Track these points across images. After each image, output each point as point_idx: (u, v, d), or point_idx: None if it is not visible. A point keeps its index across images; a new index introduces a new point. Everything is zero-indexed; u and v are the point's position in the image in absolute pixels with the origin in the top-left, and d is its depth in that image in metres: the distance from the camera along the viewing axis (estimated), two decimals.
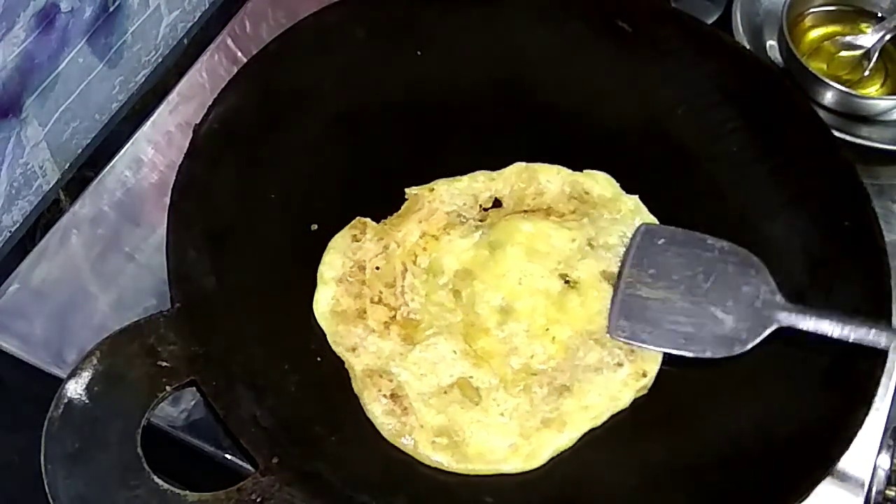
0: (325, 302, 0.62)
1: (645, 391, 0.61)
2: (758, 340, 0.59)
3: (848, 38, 0.80)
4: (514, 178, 0.68)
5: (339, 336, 0.61)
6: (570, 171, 0.69)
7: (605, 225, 0.66)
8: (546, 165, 0.69)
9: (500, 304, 0.62)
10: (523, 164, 0.69)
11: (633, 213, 0.67)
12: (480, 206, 0.67)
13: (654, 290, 0.62)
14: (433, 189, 0.67)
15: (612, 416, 0.60)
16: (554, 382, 0.60)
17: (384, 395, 0.59)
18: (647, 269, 0.62)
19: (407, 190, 0.67)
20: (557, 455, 0.58)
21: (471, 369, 0.60)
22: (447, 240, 0.65)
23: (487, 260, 0.64)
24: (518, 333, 0.62)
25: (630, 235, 0.65)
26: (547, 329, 0.62)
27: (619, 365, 0.61)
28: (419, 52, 0.73)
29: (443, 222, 0.65)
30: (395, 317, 0.62)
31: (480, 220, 0.66)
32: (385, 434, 0.58)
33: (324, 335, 0.61)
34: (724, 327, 0.60)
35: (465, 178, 0.68)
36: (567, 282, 0.63)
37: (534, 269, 0.63)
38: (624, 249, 0.64)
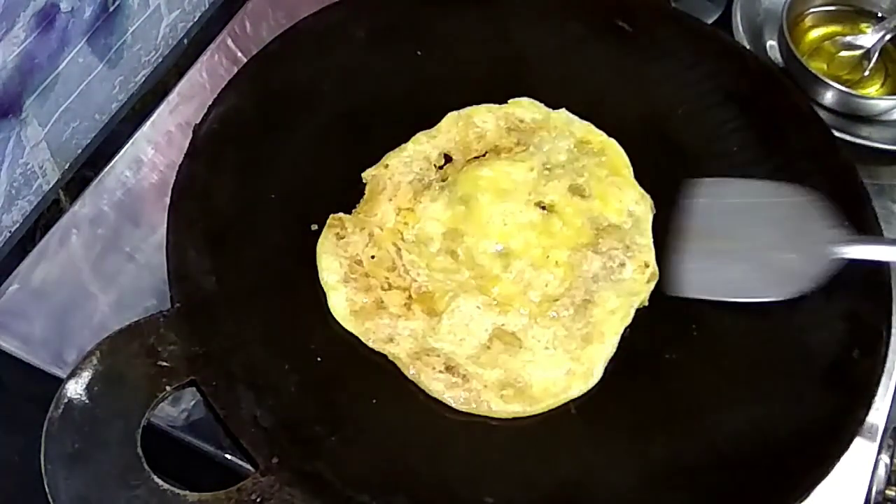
0: (342, 305, 0.62)
1: (655, 279, 0.64)
2: (821, 274, 0.61)
3: (848, 38, 0.80)
4: (453, 129, 0.70)
5: (371, 332, 0.61)
6: (497, 105, 0.71)
7: (549, 146, 0.69)
8: (475, 107, 0.70)
9: (496, 250, 0.64)
10: (454, 112, 0.70)
11: (566, 125, 0.70)
12: (434, 165, 0.68)
13: (715, 242, 0.64)
14: (387, 165, 0.68)
15: (614, 416, 0.60)
16: (575, 301, 0.63)
17: (440, 371, 0.60)
18: (707, 221, 0.64)
19: (363, 174, 0.68)
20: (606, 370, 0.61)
21: (500, 317, 0.62)
22: (421, 208, 0.66)
23: (466, 214, 0.65)
24: (524, 269, 0.64)
25: (572, 147, 0.68)
26: (547, 256, 0.64)
27: (622, 265, 0.64)
28: (419, 52, 0.73)
29: (409, 193, 0.66)
30: (410, 296, 0.63)
31: (442, 180, 0.67)
32: (458, 406, 0.59)
33: (324, 335, 0.61)
34: (788, 268, 0.62)
35: (409, 143, 0.69)
36: (543, 208, 0.66)
37: (510, 207, 0.66)
38: (573, 161, 0.67)
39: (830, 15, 0.82)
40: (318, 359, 0.61)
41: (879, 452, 0.61)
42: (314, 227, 0.65)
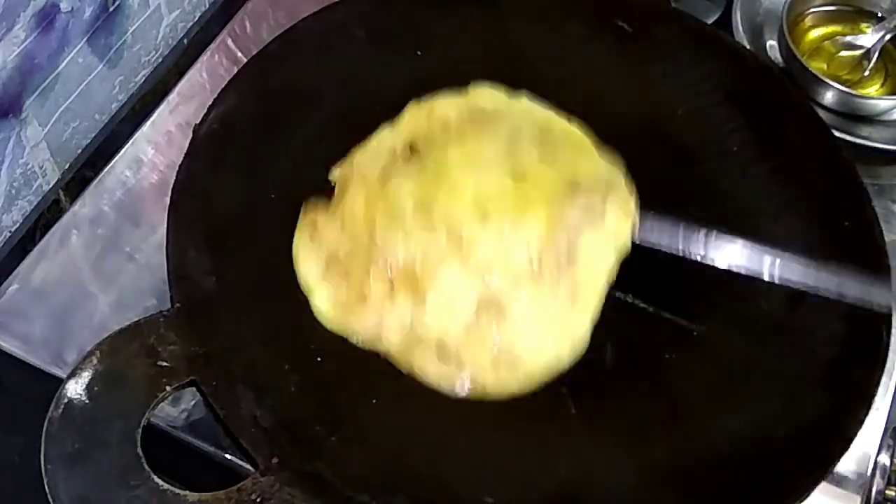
0: (325, 305, 0.62)
1: (637, 222, 0.64)
2: None
3: (848, 38, 0.80)
4: (416, 120, 0.69)
5: (357, 329, 0.61)
6: (456, 93, 0.70)
7: (513, 130, 0.68)
8: (437, 98, 0.70)
9: (472, 211, 0.63)
10: (415, 101, 0.70)
11: (529, 112, 0.70)
12: (400, 156, 0.67)
13: None
14: (353, 162, 0.67)
15: (614, 416, 0.60)
16: (560, 258, 0.62)
17: (434, 360, 0.60)
18: None
19: (330, 175, 0.67)
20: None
21: (483, 286, 0.61)
22: (392, 185, 0.64)
23: (436, 182, 0.64)
24: (504, 230, 0.62)
25: (536, 132, 0.67)
26: (525, 211, 0.63)
27: (603, 212, 0.64)
28: (419, 52, 0.73)
29: (377, 181, 0.65)
30: (391, 280, 0.61)
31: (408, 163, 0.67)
32: (457, 392, 0.59)
33: (323, 335, 0.61)
34: None
35: (372, 138, 0.68)
36: (513, 178, 0.64)
37: (482, 177, 0.64)
38: (539, 141, 0.67)
39: (830, 15, 0.82)
40: (318, 359, 0.61)
41: (879, 452, 0.61)
42: (309, 192, 0.65)
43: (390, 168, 0.66)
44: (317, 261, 0.63)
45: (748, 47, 0.77)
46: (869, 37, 0.79)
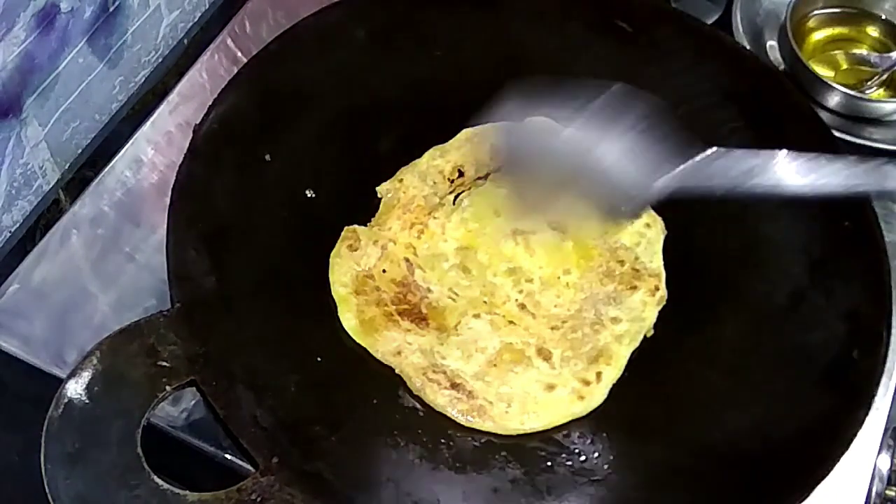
0: (352, 317, 0.62)
1: (664, 302, 0.64)
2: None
3: (860, 53, 0.79)
4: (468, 145, 0.70)
5: (379, 345, 0.61)
6: (513, 124, 0.69)
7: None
8: (490, 125, 0.69)
9: (508, 267, 0.65)
10: (470, 129, 0.70)
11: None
12: (448, 178, 0.68)
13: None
14: (402, 179, 0.68)
15: (614, 416, 0.60)
16: (584, 323, 0.63)
17: (445, 388, 0.60)
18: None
19: (378, 189, 0.68)
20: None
21: (508, 335, 0.62)
22: (435, 224, 0.66)
23: (479, 232, 0.66)
24: (535, 290, 0.64)
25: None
26: (558, 277, 0.64)
27: (634, 288, 0.64)
28: (419, 53, 0.73)
29: (423, 208, 0.67)
30: (421, 311, 0.63)
31: (454, 194, 0.68)
32: (461, 422, 0.59)
33: (324, 335, 0.61)
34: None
35: (423, 157, 0.69)
36: (555, 229, 0.65)
37: (524, 225, 0.65)
38: None
39: (834, 17, 0.82)
40: (318, 359, 0.61)
41: (879, 452, 0.61)
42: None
43: (437, 194, 0.67)
44: (351, 273, 0.64)
45: (748, 47, 0.77)
46: (882, 58, 0.78)
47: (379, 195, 0.68)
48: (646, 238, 0.67)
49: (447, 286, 0.64)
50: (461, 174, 0.69)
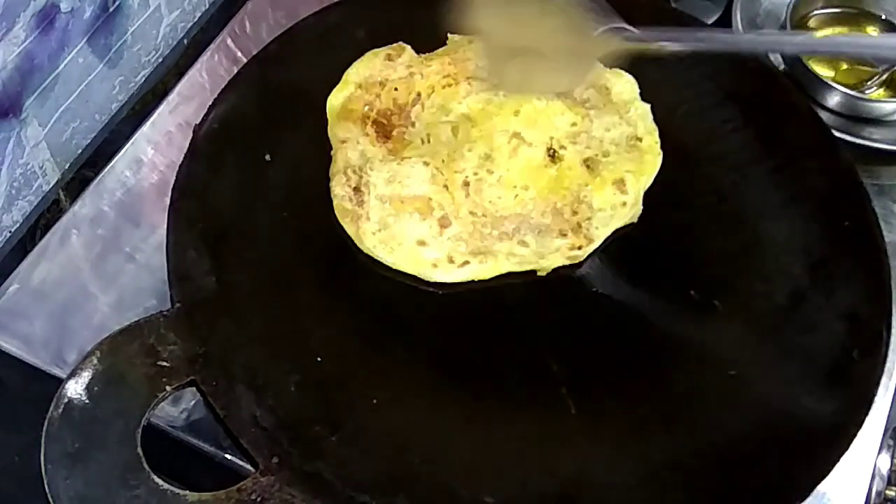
0: (340, 98, 0.68)
1: (576, 260, 0.65)
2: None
3: None
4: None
5: (338, 128, 0.67)
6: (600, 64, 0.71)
7: (608, 124, 0.69)
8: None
9: (484, 152, 0.66)
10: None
11: (641, 118, 0.70)
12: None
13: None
14: (472, 41, 0.70)
15: (614, 416, 0.60)
16: (500, 228, 0.65)
17: (348, 185, 0.64)
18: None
19: (450, 35, 0.72)
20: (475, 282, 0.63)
21: (435, 194, 0.65)
22: (465, 88, 0.68)
23: (492, 114, 0.67)
24: (488, 179, 0.66)
25: (623, 137, 0.68)
26: (514, 186, 0.66)
27: (563, 235, 0.65)
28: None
29: (466, 73, 0.69)
30: (392, 133, 0.67)
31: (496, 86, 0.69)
32: (336, 211, 0.64)
33: (324, 335, 0.61)
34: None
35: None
36: (552, 156, 0.66)
37: (528, 134, 0.67)
38: (612, 144, 0.68)
39: (835, 17, 0.82)
40: (318, 359, 0.61)
41: (879, 452, 0.61)
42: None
43: (482, 73, 0.69)
44: (371, 72, 0.70)
45: None
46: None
47: (447, 41, 0.72)
48: (610, 206, 0.66)
49: (427, 132, 0.67)
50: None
